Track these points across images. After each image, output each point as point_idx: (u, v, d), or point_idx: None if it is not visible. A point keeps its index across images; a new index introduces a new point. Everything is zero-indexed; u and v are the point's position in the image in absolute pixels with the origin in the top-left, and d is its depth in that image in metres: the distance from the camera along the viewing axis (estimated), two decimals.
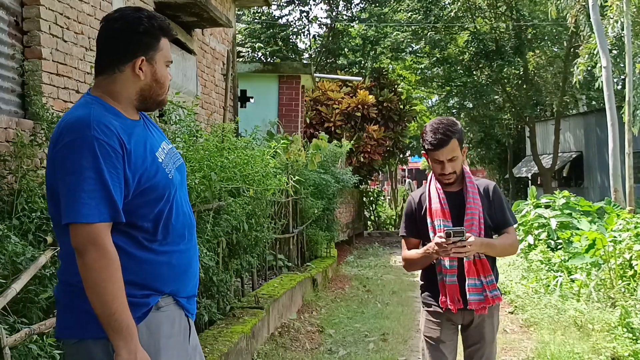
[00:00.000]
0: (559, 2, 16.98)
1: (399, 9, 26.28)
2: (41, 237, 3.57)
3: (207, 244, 4.98)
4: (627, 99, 14.13)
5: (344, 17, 27.26)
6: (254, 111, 13.06)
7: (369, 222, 21.75)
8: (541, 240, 10.12)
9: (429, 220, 3.38)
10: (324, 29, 27.66)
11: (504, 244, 3.41)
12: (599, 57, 14.43)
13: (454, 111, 29.68)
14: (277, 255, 8.35)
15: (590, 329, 6.30)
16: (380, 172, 24.72)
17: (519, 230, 10.77)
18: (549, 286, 8.08)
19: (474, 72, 26.85)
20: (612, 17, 15.13)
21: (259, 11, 25.79)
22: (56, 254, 3.19)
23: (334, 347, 6.41)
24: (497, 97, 27.45)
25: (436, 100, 31.88)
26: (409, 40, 25.90)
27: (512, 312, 7.86)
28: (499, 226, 3.45)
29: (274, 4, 25.32)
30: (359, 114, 17.62)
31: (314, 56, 27.01)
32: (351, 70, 25.03)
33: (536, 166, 26.30)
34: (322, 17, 42.08)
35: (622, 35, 14.96)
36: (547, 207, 11.23)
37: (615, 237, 7.78)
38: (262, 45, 24.99)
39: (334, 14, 26.94)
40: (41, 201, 3.97)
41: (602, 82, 14.51)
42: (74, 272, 2.07)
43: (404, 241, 3.56)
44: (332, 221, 11.78)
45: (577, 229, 9.74)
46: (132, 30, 2.18)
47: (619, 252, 7.35)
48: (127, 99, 2.22)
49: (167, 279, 2.20)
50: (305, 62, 23.11)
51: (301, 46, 27.70)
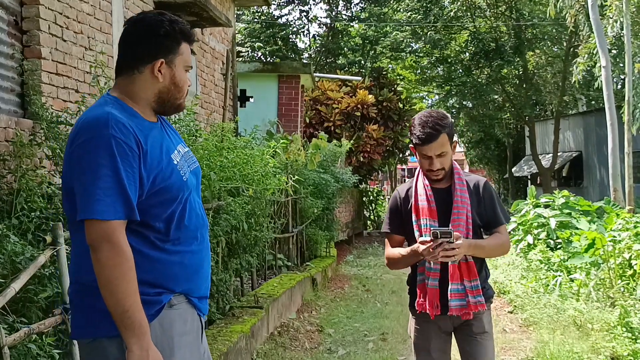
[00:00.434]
0: (558, 1, 16.98)
1: (399, 9, 26.28)
2: (40, 237, 3.57)
3: None
4: (626, 99, 14.14)
5: (344, 16, 27.29)
6: (253, 111, 13.06)
7: (369, 222, 21.73)
8: (540, 239, 10.12)
9: (414, 217, 3.18)
10: (324, 29, 27.72)
11: (494, 244, 3.20)
12: (599, 56, 14.45)
13: (453, 111, 29.68)
14: (276, 254, 8.34)
15: (589, 328, 6.30)
16: (379, 172, 24.72)
17: (519, 229, 10.77)
18: (548, 286, 8.08)
19: (474, 72, 26.84)
20: (611, 16, 15.16)
21: (259, 11, 25.82)
22: (56, 253, 3.19)
23: (333, 346, 6.41)
24: (496, 96, 27.44)
25: (436, 99, 31.86)
26: (408, 39, 25.90)
27: (511, 312, 7.86)
28: (489, 225, 3.25)
29: (274, 4, 25.36)
30: (358, 114, 17.62)
31: (313, 56, 27.03)
32: (351, 69, 25.03)
33: (535, 166, 26.31)
34: (321, 17, 42.13)
35: (622, 35, 14.99)
36: (546, 206, 11.23)
37: (614, 236, 7.78)
38: (261, 44, 25.01)
39: (334, 13, 26.97)
40: (40, 200, 3.98)
41: (601, 81, 14.53)
42: (86, 271, 2.10)
43: (387, 239, 3.34)
44: (331, 221, 11.78)
45: (577, 229, 9.74)
46: (153, 32, 2.22)
47: (619, 252, 7.34)
48: (145, 101, 2.25)
49: (179, 279, 2.21)
50: (304, 61, 23.12)
51: (301, 46, 27.77)
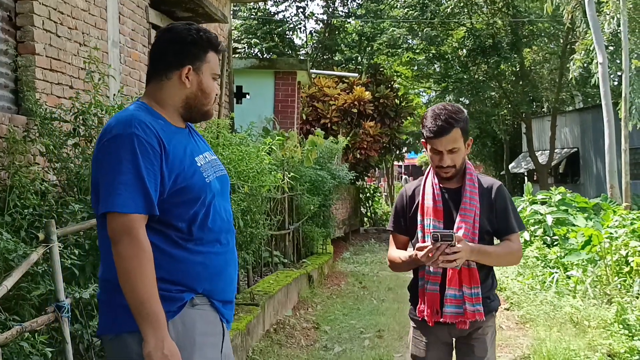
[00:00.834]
0: None
1: (396, 5, 26.25)
2: (33, 234, 3.55)
3: None
4: (623, 95, 14.14)
5: (341, 13, 27.23)
6: (249, 107, 13.01)
7: (366, 219, 21.73)
8: (537, 236, 10.13)
9: (419, 217, 3.01)
10: (321, 25, 27.64)
11: (501, 252, 2.98)
12: (595, 53, 14.45)
13: None
14: (272, 251, 8.32)
15: (586, 325, 6.30)
16: (376, 169, 24.71)
17: None
18: (544, 283, 8.07)
19: (471, 68, 26.83)
20: (608, 13, 15.16)
21: (255, 7, 25.76)
22: (48, 250, 3.16)
23: (329, 343, 6.39)
24: (493, 93, 27.40)
25: (432, 96, 31.84)
26: (405, 35, 25.87)
27: (507, 309, 7.85)
28: (500, 232, 3.02)
29: (270, 0, 25.30)
30: (355, 111, 17.59)
31: (310, 52, 26.97)
32: (347, 66, 25.00)
33: (532, 162, 26.30)
34: (318, 13, 42.09)
35: (619, 31, 14.97)
36: (543, 203, 11.23)
37: (611, 233, 7.78)
38: (258, 41, 24.95)
39: (331, 10, 26.90)
40: (33, 197, 3.95)
41: (598, 78, 14.53)
42: (110, 266, 2.16)
43: (392, 237, 3.19)
44: (328, 217, 11.77)
45: (573, 226, 9.74)
46: (180, 40, 2.32)
47: (615, 249, 7.34)
48: (173, 107, 2.34)
49: (200, 278, 2.25)
50: (301, 58, 23.06)
51: (297, 42, 27.69)
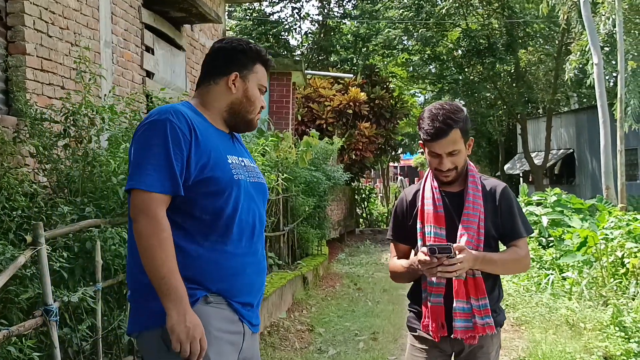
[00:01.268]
0: None
1: (391, 6, 26.23)
2: (22, 236, 3.49)
3: None
4: (618, 96, 14.13)
5: (336, 14, 27.21)
6: None
7: (361, 220, 21.71)
8: (532, 237, 10.10)
9: (418, 224, 2.82)
10: (316, 26, 27.62)
11: (508, 259, 2.78)
12: (591, 54, 14.45)
13: None
14: (267, 253, 8.28)
15: (582, 327, 6.26)
16: (372, 170, 24.69)
17: None
18: (540, 284, 8.04)
19: (466, 69, 26.84)
20: (603, 14, 15.16)
21: (251, 8, 25.72)
22: (36, 253, 3.11)
23: (323, 346, 6.35)
24: (488, 94, 27.42)
25: (428, 97, 31.84)
26: (400, 36, 25.86)
27: None
28: (506, 237, 2.84)
29: (265, 1, 25.26)
30: (350, 111, 17.56)
31: (305, 53, 26.93)
32: (343, 67, 24.97)
33: (527, 163, 26.32)
34: (313, 14, 42.07)
35: (614, 32, 14.97)
36: (538, 204, 11.21)
37: (607, 234, 7.76)
38: (253, 41, 24.91)
39: (326, 10, 26.88)
40: (22, 199, 3.89)
41: (593, 79, 14.53)
42: (136, 263, 2.20)
43: (392, 246, 3.00)
44: (323, 219, 11.71)
45: (569, 227, 9.72)
46: (230, 49, 2.46)
47: (611, 250, 7.32)
48: (218, 110, 2.42)
49: (213, 277, 2.26)
50: (296, 58, 23.03)
51: (293, 43, 27.65)
